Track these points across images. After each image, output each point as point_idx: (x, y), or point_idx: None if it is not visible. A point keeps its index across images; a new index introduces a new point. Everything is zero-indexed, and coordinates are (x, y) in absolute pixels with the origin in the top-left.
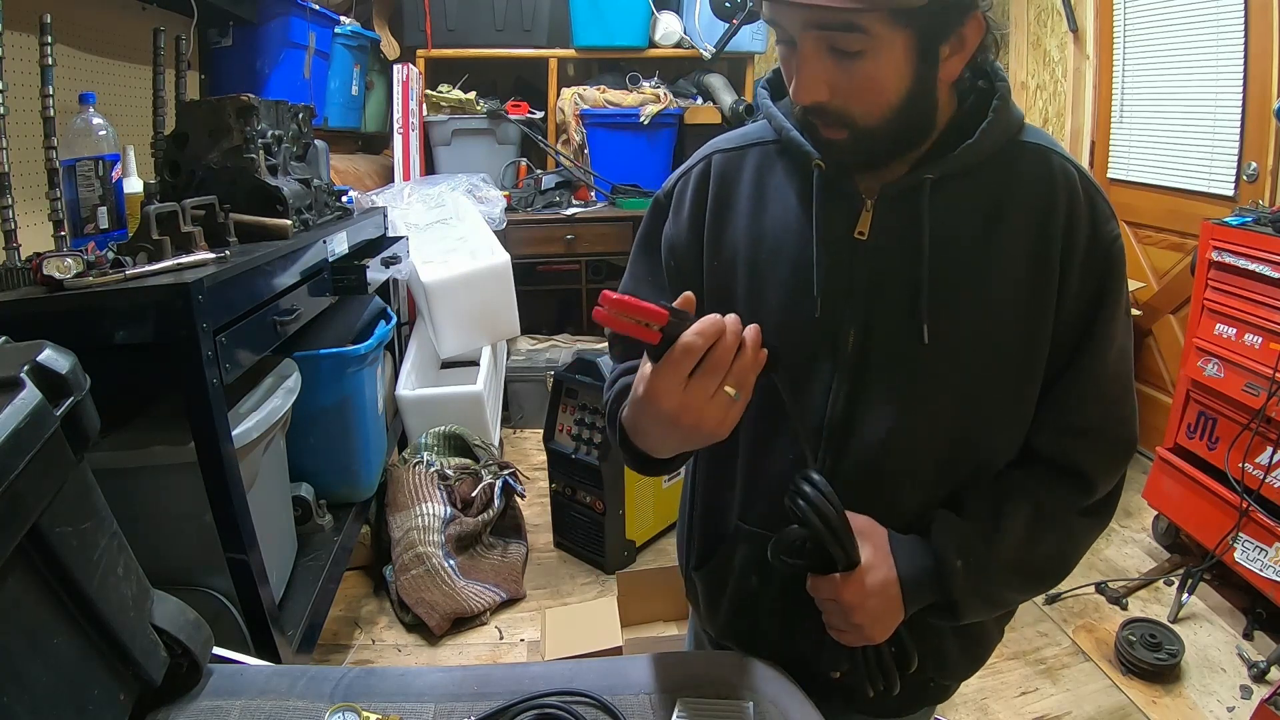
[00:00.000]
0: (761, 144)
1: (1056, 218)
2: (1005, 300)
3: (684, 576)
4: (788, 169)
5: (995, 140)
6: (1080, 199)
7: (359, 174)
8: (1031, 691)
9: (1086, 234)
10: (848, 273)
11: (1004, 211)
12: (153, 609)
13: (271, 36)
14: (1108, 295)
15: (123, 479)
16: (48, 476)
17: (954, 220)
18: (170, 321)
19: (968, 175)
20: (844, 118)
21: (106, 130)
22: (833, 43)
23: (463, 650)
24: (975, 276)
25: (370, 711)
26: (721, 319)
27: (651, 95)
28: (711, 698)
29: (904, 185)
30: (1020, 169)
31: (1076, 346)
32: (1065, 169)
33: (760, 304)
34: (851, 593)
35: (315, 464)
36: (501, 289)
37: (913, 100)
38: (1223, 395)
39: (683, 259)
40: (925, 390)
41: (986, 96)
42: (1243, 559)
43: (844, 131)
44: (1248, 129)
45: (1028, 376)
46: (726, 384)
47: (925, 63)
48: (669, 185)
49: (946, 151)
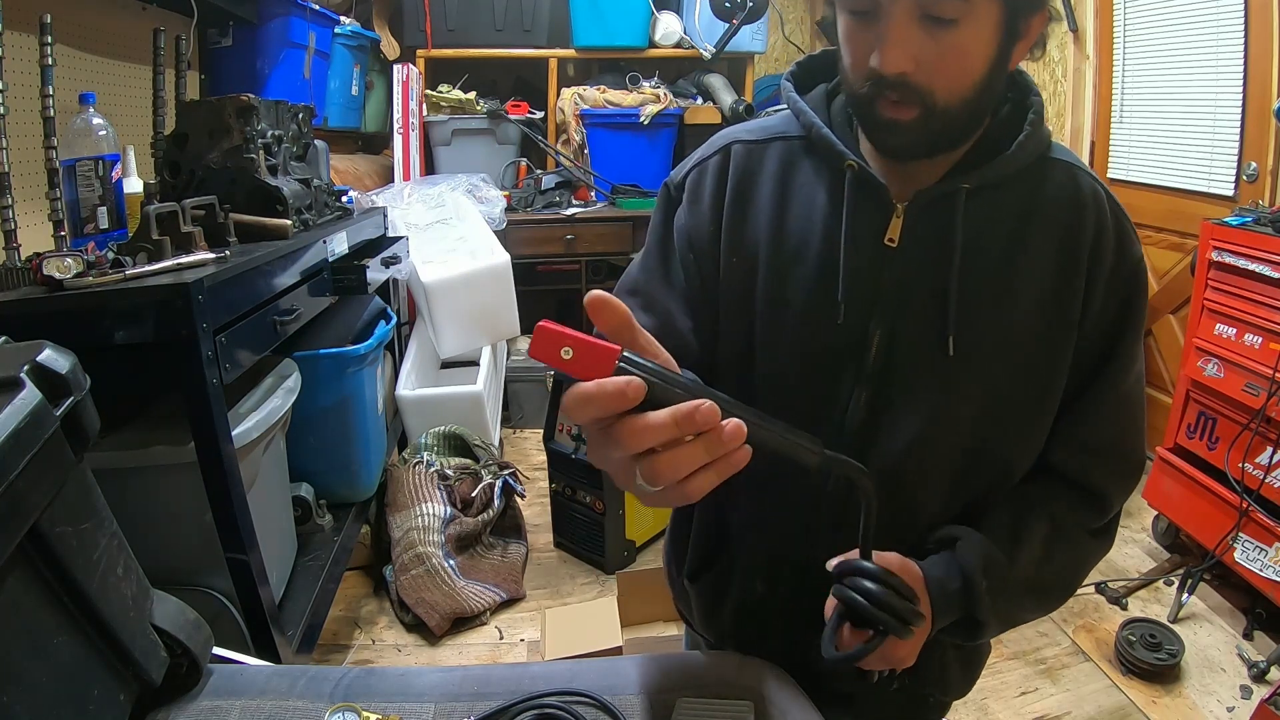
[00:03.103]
0: (785, 139)
1: (1084, 236)
2: (1030, 314)
3: (673, 586)
4: (815, 167)
5: (1029, 154)
6: (1108, 219)
7: (359, 174)
8: (1031, 691)
9: (1112, 254)
10: (875, 278)
11: (1032, 226)
12: (153, 609)
13: (271, 36)
14: (1131, 316)
15: (123, 479)
16: (48, 476)
17: (983, 232)
18: (170, 321)
19: (998, 188)
20: (923, 94)
21: (106, 130)
22: (927, 9)
23: (463, 650)
24: (1002, 289)
25: (370, 711)
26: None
27: (651, 95)
28: (711, 698)
29: (938, 193)
30: (1049, 186)
31: (1098, 365)
32: (1094, 189)
33: (781, 305)
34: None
35: (315, 464)
36: (501, 289)
37: (989, 82)
38: (1223, 395)
39: (702, 253)
40: (948, 400)
41: (1020, 110)
42: (1243, 559)
43: (915, 110)
44: (1248, 129)
45: (1048, 391)
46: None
47: (1008, 40)
48: (679, 176)
49: (980, 161)
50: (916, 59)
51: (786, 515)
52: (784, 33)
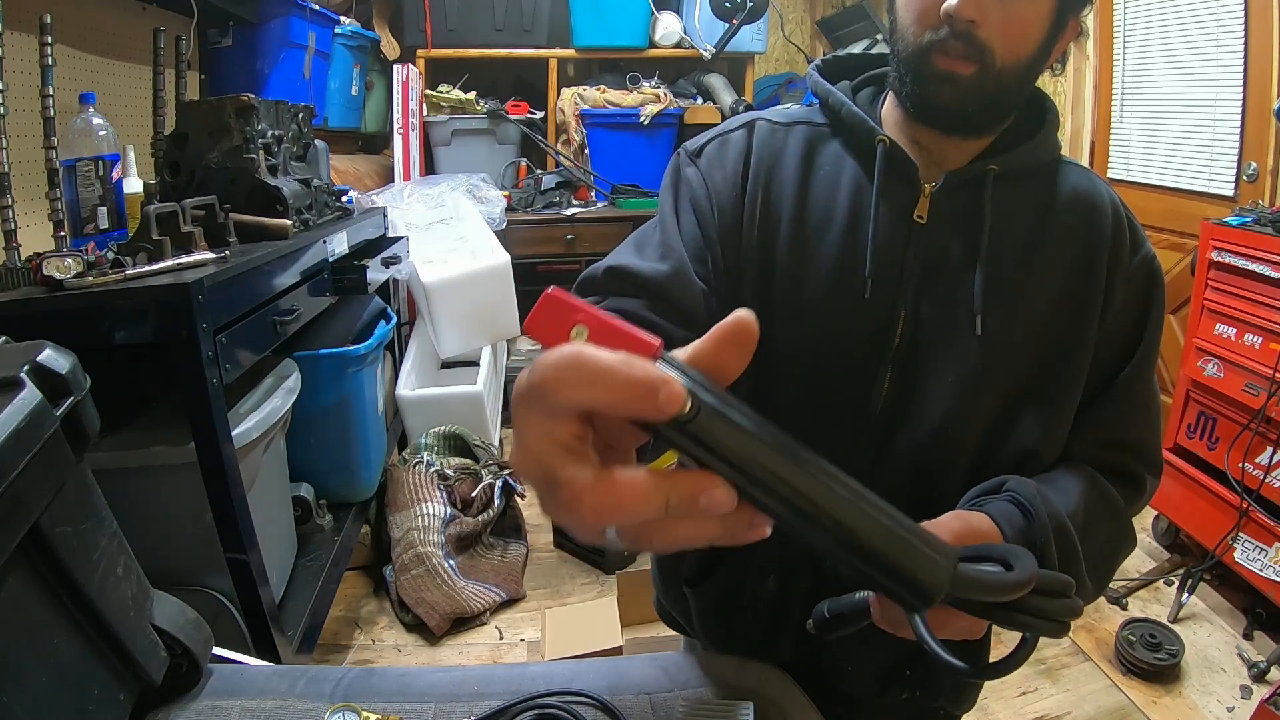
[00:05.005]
0: (810, 124)
1: (1104, 231)
2: (1053, 304)
3: (667, 595)
4: (840, 149)
5: (1049, 151)
6: (1123, 217)
7: (359, 174)
8: (1031, 691)
9: (1130, 251)
10: (901, 255)
11: (1055, 217)
12: (153, 609)
13: (271, 36)
14: (1152, 314)
15: (123, 479)
16: (48, 476)
17: (1010, 218)
18: (170, 321)
19: (1022, 179)
20: (984, 49)
21: (106, 130)
22: None
23: (463, 650)
24: (1027, 275)
25: (370, 711)
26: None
27: (651, 95)
28: (711, 698)
29: (967, 174)
30: (1068, 183)
31: (1121, 362)
32: (1109, 189)
33: (803, 279)
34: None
35: (315, 464)
36: (501, 289)
37: (1037, 59)
38: (1223, 395)
39: (721, 221)
40: (974, 383)
41: (1037, 115)
42: (1243, 559)
43: (973, 66)
44: (1248, 129)
45: (1070, 382)
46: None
47: (1058, 23)
48: (699, 145)
49: (1005, 150)
50: (985, 12)
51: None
52: (784, 33)
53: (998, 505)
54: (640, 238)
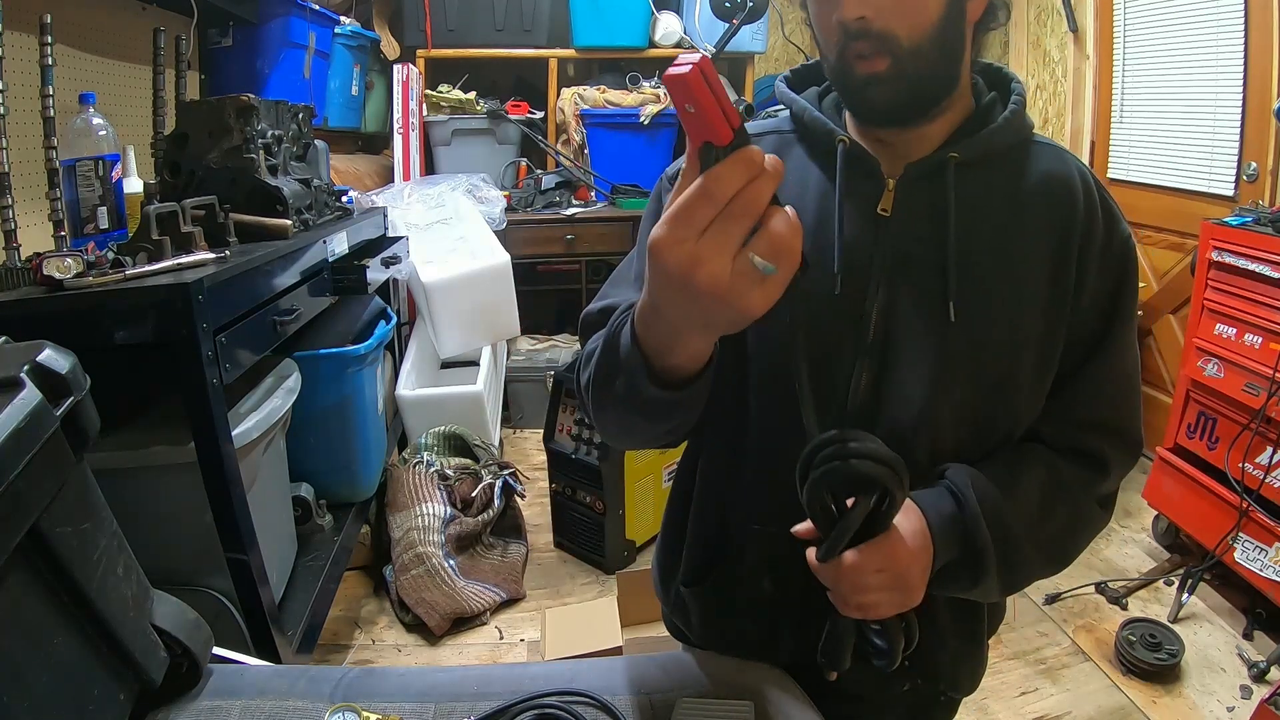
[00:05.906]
0: (778, 133)
1: (1076, 212)
2: (1026, 286)
3: (666, 596)
4: (806, 153)
5: (1015, 133)
6: (1095, 199)
7: (359, 174)
8: (1031, 691)
9: (1103, 230)
10: (869, 250)
11: (1025, 201)
12: (153, 609)
13: (271, 36)
14: (1125, 292)
15: (123, 479)
16: (48, 476)
17: (978, 206)
18: (170, 321)
19: (989, 164)
20: (887, 39)
21: (106, 130)
22: None
23: (463, 650)
24: (998, 260)
25: (370, 711)
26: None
27: (651, 95)
28: (711, 698)
29: (928, 165)
30: (1038, 166)
31: (1094, 342)
32: (1080, 168)
33: None
34: (902, 549)
35: (315, 464)
36: (501, 289)
37: (947, 23)
38: (1223, 395)
39: None
40: (950, 372)
41: (1004, 99)
42: (1243, 559)
43: (886, 60)
44: (1248, 129)
45: (1046, 365)
46: (754, 249)
47: None
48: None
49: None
50: (873, 4)
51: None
52: (784, 33)
53: (927, 493)
54: (622, 273)
